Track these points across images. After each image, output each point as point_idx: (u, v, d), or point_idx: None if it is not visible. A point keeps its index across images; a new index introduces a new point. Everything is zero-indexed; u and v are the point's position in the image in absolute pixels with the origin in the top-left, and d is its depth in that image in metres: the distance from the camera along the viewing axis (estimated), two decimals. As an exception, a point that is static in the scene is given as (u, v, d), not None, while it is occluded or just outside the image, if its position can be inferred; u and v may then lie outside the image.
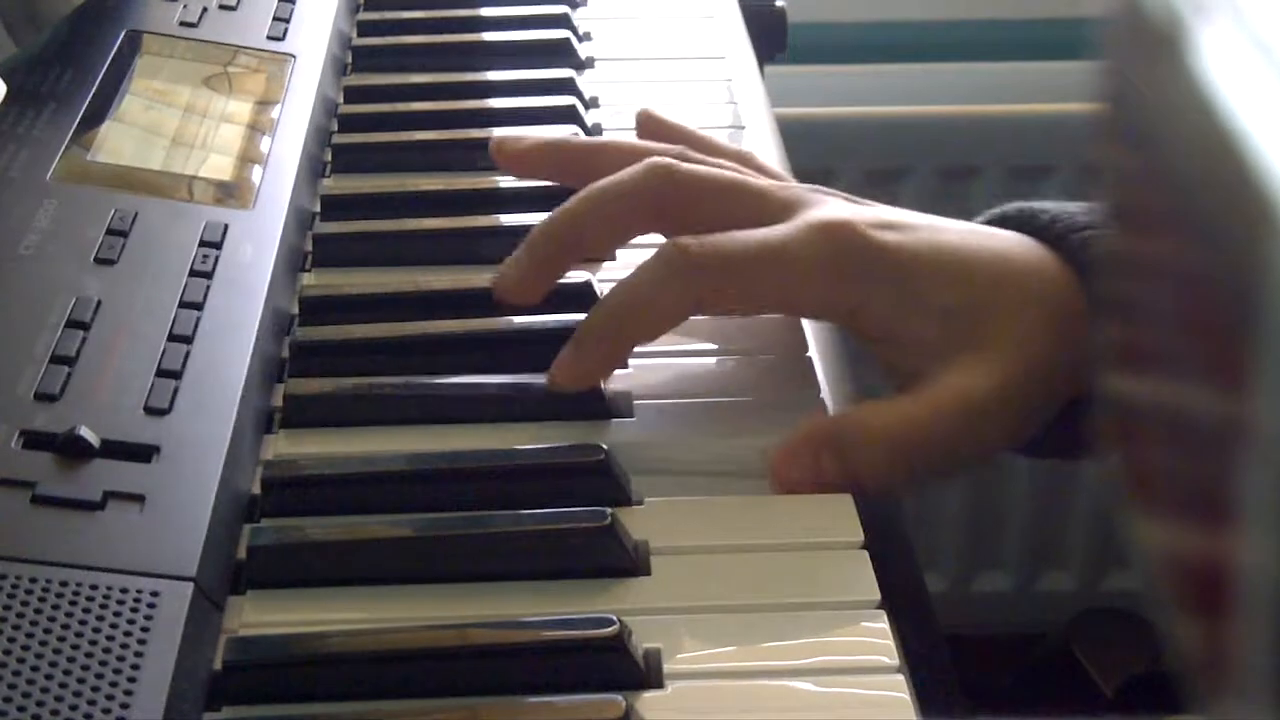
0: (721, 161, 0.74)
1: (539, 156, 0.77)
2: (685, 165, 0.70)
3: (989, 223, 0.72)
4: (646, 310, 0.67)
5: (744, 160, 0.76)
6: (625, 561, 0.61)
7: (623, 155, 0.73)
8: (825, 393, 0.70)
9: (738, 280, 0.67)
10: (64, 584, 0.55)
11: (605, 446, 0.64)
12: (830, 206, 0.69)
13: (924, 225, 0.69)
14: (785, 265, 0.67)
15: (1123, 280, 0.39)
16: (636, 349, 0.71)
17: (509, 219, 0.81)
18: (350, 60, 0.96)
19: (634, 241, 0.75)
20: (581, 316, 0.71)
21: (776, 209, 0.69)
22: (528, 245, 0.71)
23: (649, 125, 0.79)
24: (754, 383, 0.71)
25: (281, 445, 0.67)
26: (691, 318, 0.70)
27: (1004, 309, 0.67)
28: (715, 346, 0.73)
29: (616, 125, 0.89)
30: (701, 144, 0.76)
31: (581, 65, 0.95)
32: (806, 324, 0.74)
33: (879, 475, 0.65)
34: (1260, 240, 0.30)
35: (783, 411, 0.69)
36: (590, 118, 0.90)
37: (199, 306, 0.68)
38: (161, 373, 0.64)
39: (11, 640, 0.52)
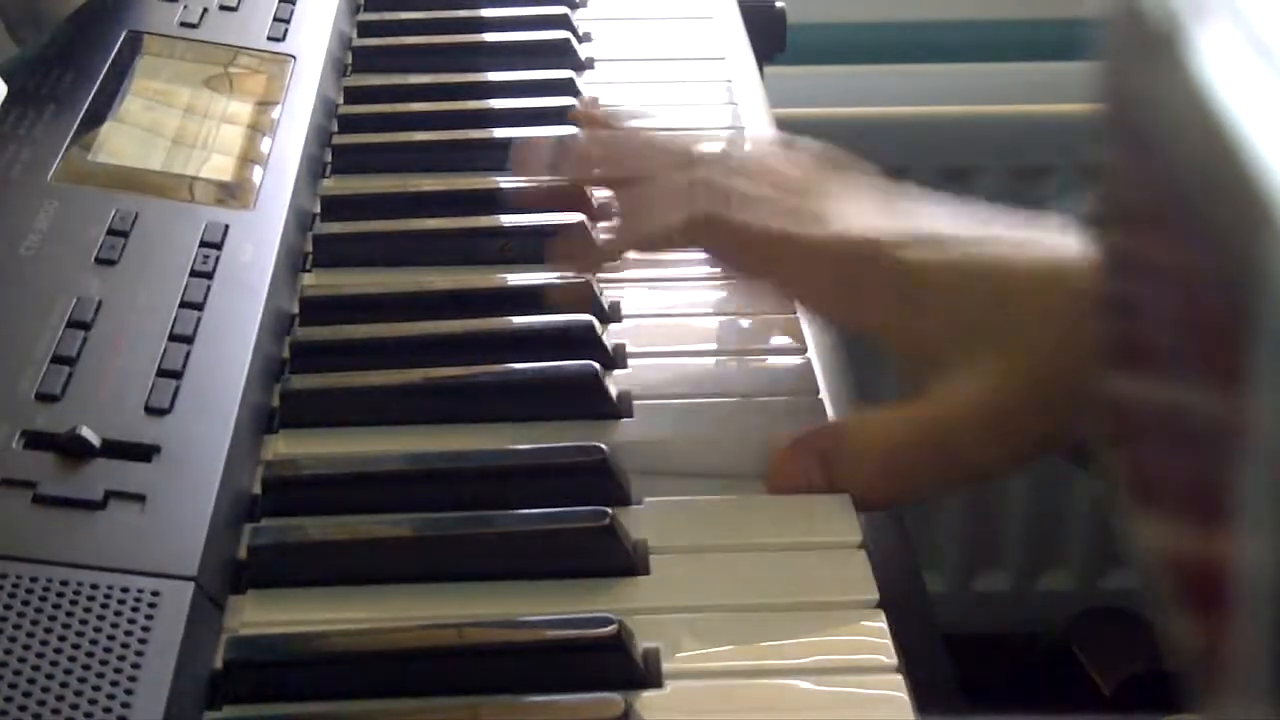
0: (763, 194, 0.71)
1: (553, 157, 0.79)
2: (726, 214, 0.69)
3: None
4: (666, 232, 0.70)
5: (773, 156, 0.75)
6: (625, 561, 0.61)
7: (641, 150, 0.75)
8: (825, 393, 0.70)
9: (755, 260, 0.69)
10: (65, 583, 0.55)
11: (605, 446, 0.64)
12: (858, 215, 0.68)
13: (954, 239, 0.67)
14: (801, 271, 0.68)
15: (1122, 280, 0.39)
16: (637, 349, 0.71)
17: (509, 219, 0.81)
18: (350, 61, 0.96)
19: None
20: (582, 316, 0.71)
21: (807, 220, 0.68)
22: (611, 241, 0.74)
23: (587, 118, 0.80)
24: (754, 383, 0.71)
25: (282, 445, 0.67)
26: (692, 319, 0.70)
27: (1020, 324, 0.65)
28: (715, 346, 0.73)
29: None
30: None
31: (581, 66, 0.95)
32: (806, 324, 0.74)
33: (868, 488, 0.65)
34: (1258, 241, 0.30)
35: (783, 411, 0.69)
36: (590, 118, 0.90)
37: (200, 307, 0.68)
38: (162, 373, 0.64)
39: (12, 640, 0.52)
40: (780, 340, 0.73)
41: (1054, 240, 0.68)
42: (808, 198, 0.69)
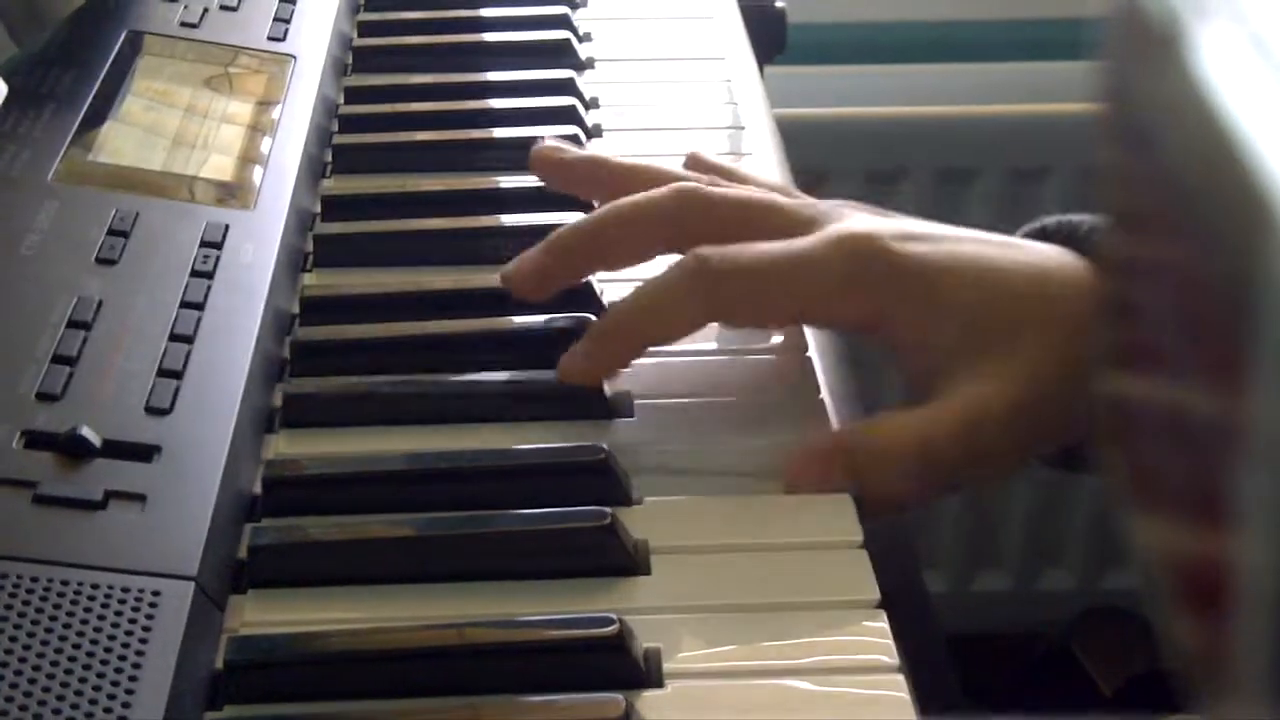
0: (752, 190, 0.73)
1: (581, 170, 0.77)
2: (711, 188, 0.70)
3: (1029, 235, 0.71)
4: (663, 317, 0.68)
5: (780, 191, 0.75)
6: (625, 561, 0.61)
7: (658, 179, 0.72)
8: (825, 393, 0.70)
9: (757, 292, 0.67)
10: (65, 583, 0.55)
11: (605, 446, 0.64)
12: (854, 220, 0.69)
13: (949, 236, 0.68)
14: (805, 277, 0.67)
15: (1122, 281, 0.39)
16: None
17: (509, 219, 0.81)
18: (351, 61, 0.96)
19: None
20: (582, 316, 0.71)
21: (801, 226, 0.69)
22: (547, 245, 0.71)
23: (695, 164, 0.77)
24: (754, 383, 0.71)
25: (282, 445, 0.67)
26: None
27: (1025, 321, 0.66)
28: (715, 346, 0.73)
29: (617, 126, 0.89)
30: (740, 177, 0.76)
31: (581, 66, 0.95)
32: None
33: (890, 491, 0.65)
34: (1259, 241, 0.30)
35: (783, 411, 0.69)
36: (590, 118, 0.90)
37: (200, 307, 0.68)
38: (163, 372, 0.64)
39: (12, 640, 0.52)
40: (780, 340, 0.73)
41: (1039, 247, 0.69)
42: (779, 215, 0.69)
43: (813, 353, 0.72)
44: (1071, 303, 0.66)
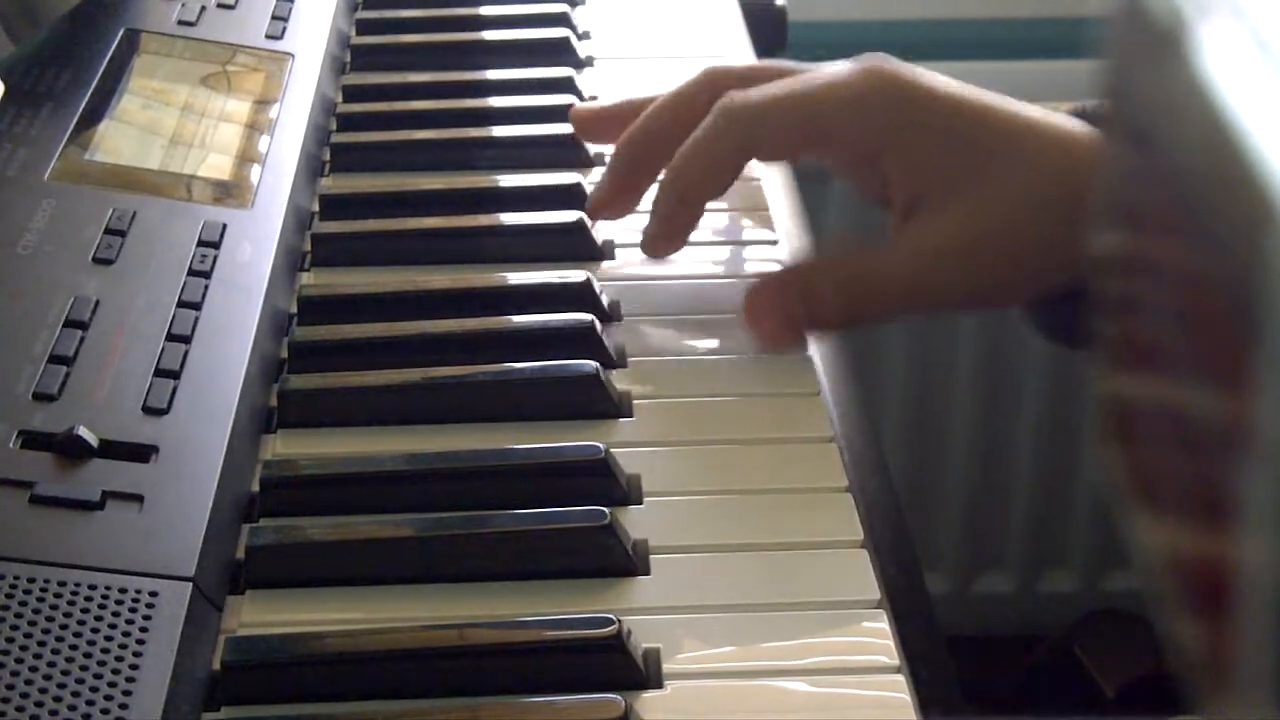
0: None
1: (613, 110, 0.81)
2: (740, 95, 0.72)
3: (1071, 114, 0.74)
4: (703, 163, 0.72)
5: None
6: (624, 561, 0.61)
7: (685, 94, 0.76)
8: (826, 393, 0.70)
9: (781, 117, 0.71)
10: (62, 584, 0.54)
11: (605, 446, 0.64)
12: (876, 57, 0.72)
13: (968, 88, 0.72)
14: (826, 97, 0.71)
15: (1125, 279, 0.39)
16: (637, 350, 0.71)
17: (508, 218, 0.80)
18: (349, 59, 0.96)
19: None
20: (581, 315, 0.71)
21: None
22: (661, 201, 0.74)
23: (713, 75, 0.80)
24: (754, 382, 0.71)
25: (280, 445, 0.67)
26: (693, 318, 0.69)
27: (1008, 166, 0.70)
28: (715, 346, 0.73)
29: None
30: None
31: (581, 64, 0.95)
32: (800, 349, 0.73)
33: (839, 313, 0.71)
34: (1262, 239, 0.30)
35: (783, 411, 0.69)
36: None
37: (197, 306, 0.68)
38: (160, 372, 0.64)
39: (10, 640, 0.52)
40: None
41: (1058, 116, 0.73)
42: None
43: (813, 352, 0.72)
44: (1066, 163, 0.70)
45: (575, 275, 0.74)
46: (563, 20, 0.98)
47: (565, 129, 0.86)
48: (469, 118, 0.89)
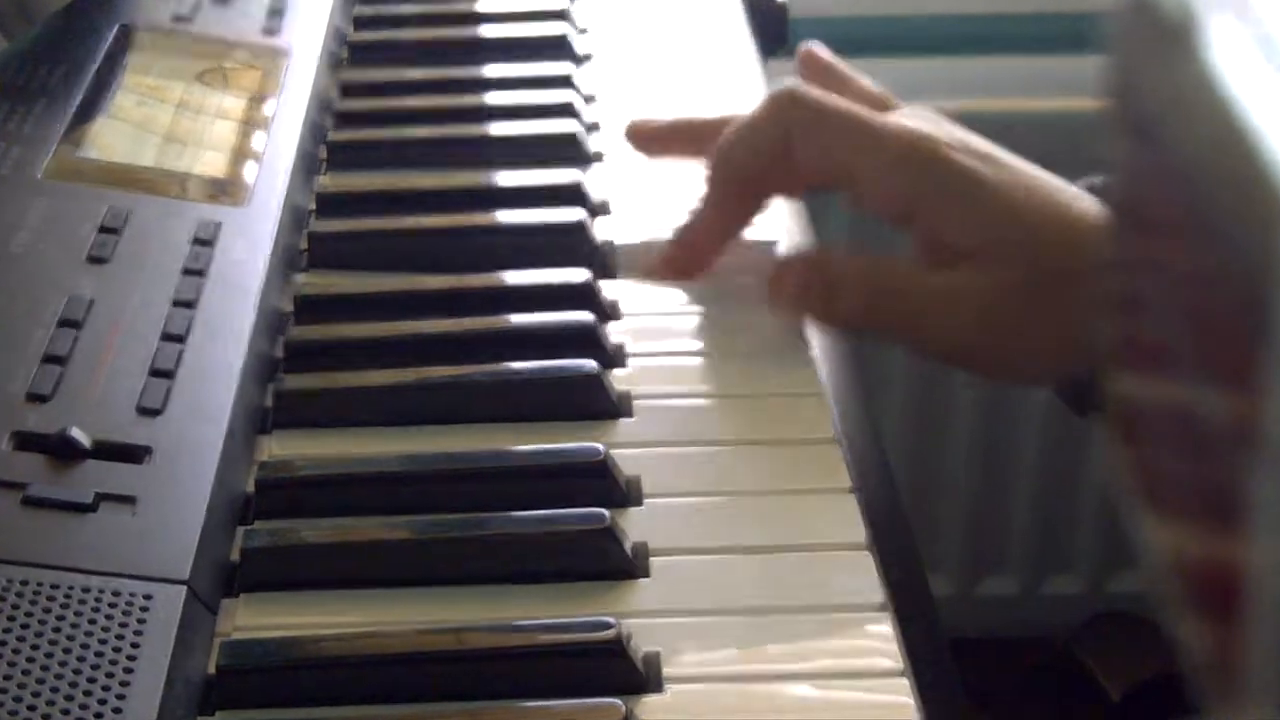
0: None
1: (671, 130, 0.82)
2: (807, 90, 0.74)
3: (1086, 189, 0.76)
4: (749, 136, 0.74)
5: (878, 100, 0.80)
6: (624, 563, 0.60)
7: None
8: (827, 393, 0.70)
9: (825, 133, 0.73)
10: (56, 587, 0.54)
11: (604, 447, 0.64)
12: (923, 121, 0.75)
13: (1006, 163, 0.74)
14: (868, 146, 0.72)
15: (1132, 278, 0.38)
16: (637, 349, 0.71)
17: (506, 216, 0.80)
18: (346, 55, 0.95)
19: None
20: (581, 315, 0.71)
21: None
22: (709, 190, 0.76)
23: (807, 59, 0.82)
24: (754, 383, 0.70)
25: (276, 446, 0.66)
26: (693, 319, 0.69)
27: (1040, 244, 0.71)
28: (716, 346, 0.72)
29: (615, 121, 0.89)
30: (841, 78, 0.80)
31: (580, 60, 0.95)
32: (807, 324, 0.73)
33: (856, 315, 0.72)
34: (1271, 237, 0.29)
35: (784, 412, 0.68)
36: (588, 113, 0.89)
37: (192, 305, 0.67)
38: (154, 372, 0.64)
39: (2, 644, 0.52)
40: (780, 340, 0.72)
41: (1078, 191, 0.74)
42: (876, 108, 0.76)
43: (815, 353, 0.72)
44: (1090, 248, 0.70)
45: (575, 275, 0.74)
46: (561, 16, 0.98)
47: (565, 126, 0.86)
48: (467, 115, 0.89)
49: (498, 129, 0.87)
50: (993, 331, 0.72)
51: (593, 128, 0.88)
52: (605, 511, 0.61)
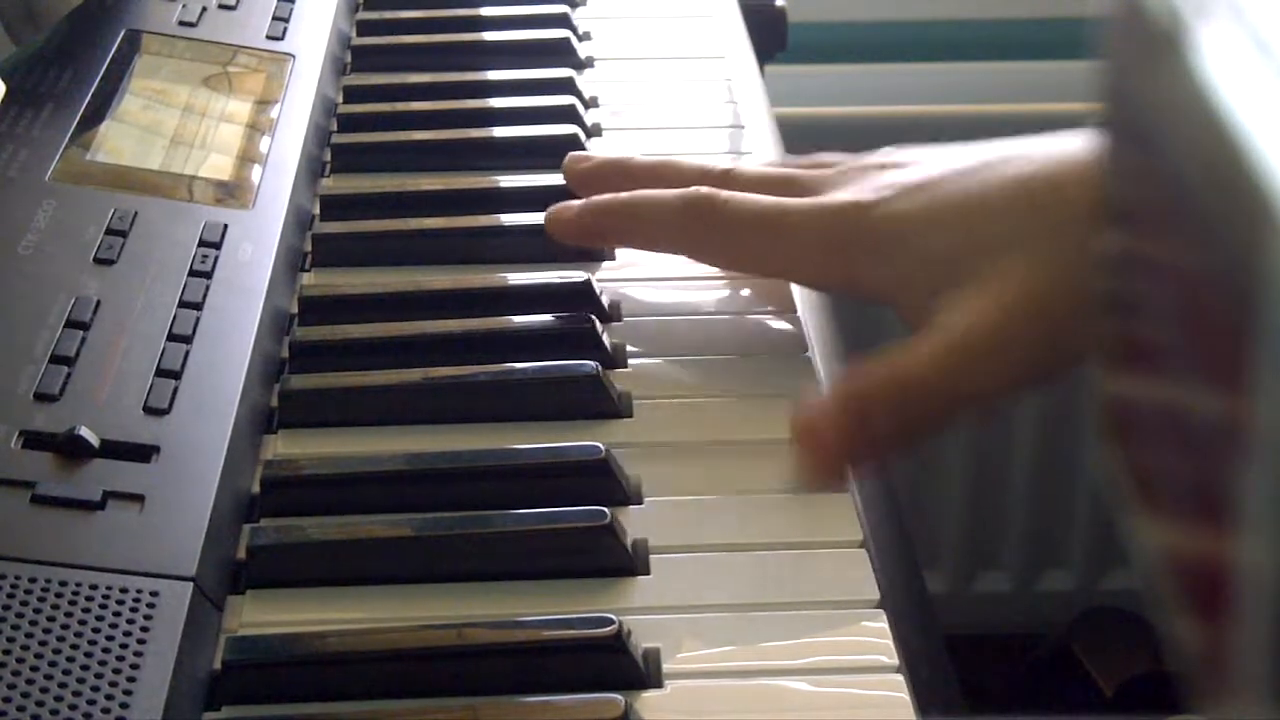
0: (768, 169, 0.75)
1: (606, 172, 0.78)
2: (724, 196, 0.71)
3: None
4: (648, 226, 0.73)
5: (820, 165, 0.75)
6: (624, 561, 0.61)
7: (681, 175, 0.75)
8: (824, 391, 0.70)
9: (739, 242, 0.71)
10: (64, 584, 0.55)
11: (605, 446, 0.64)
12: (849, 189, 0.70)
13: (935, 180, 0.69)
14: (787, 239, 0.70)
15: (1124, 279, 0.39)
16: (637, 349, 0.71)
17: (508, 219, 0.80)
18: (350, 60, 0.96)
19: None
20: (581, 315, 0.71)
21: (810, 193, 0.72)
22: (588, 201, 0.75)
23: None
24: (754, 382, 0.71)
25: (281, 445, 0.67)
26: (693, 318, 0.69)
27: (1008, 244, 0.65)
28: (715, 346, 0.73)
29: (616, 125, 0.89)
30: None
31: (581, 65, 0.95)
32: (807, 323, 0.74)
33: (896, 434, 0.65)
34: (1261, 239, 0.30)
35: (783, 411, 0.68)
36: (590, 117, 0.89)
37: (198, 306, 0.68)
38: (161, 372, 0.64)
39: (11, 640, 0.52)
40: (780, 339, 0.73)
41: (1035, 149, 0.69)
42: (794, 186, 0.72)
43: (813, 353, 0.72)
44: (1061, 210, 0.65)
45: (575, 275, 0.74)
46: (563, 21, 0.98)
47: (566, 130, 0.86)
48: (469, 118, 0.89)
49: (500, 132, 0.88)
50: (1016, 347, 0.65)
51: (594, 131, 0.89)
52: (606, 509, 0.61)
